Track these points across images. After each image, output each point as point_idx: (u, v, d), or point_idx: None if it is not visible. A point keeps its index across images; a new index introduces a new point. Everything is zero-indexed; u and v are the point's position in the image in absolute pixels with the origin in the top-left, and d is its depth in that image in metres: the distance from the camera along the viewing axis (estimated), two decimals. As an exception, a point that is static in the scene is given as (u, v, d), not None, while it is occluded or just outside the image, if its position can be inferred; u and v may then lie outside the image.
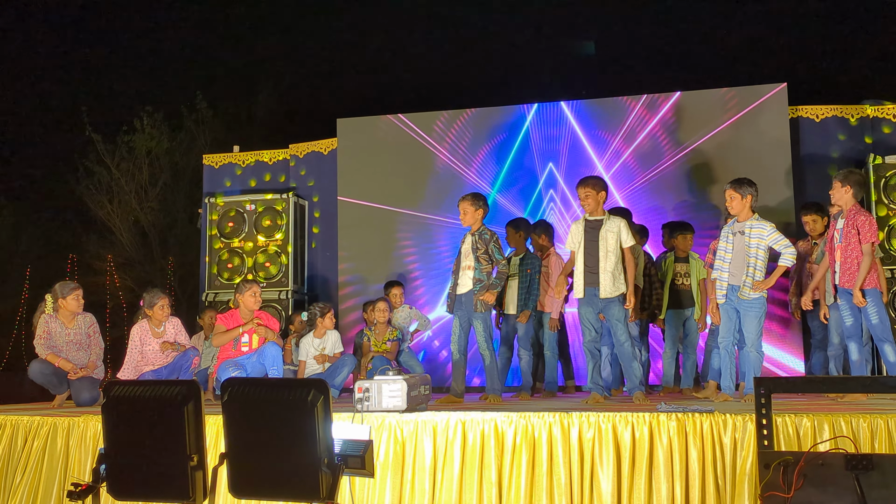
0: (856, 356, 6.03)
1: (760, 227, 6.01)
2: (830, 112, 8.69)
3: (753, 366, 5.92)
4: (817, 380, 5.09)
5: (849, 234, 5.89)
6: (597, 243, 6.27)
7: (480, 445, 4.88)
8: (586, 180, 6.44)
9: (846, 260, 5.89)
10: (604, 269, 6.24)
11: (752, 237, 5.99)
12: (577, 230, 6.40)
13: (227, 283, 9.57)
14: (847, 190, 5.96)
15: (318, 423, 3.31)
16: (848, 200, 5.98)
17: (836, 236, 6.01)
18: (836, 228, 6.01)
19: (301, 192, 9.93)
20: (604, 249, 6.25)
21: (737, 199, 6.05)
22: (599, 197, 6.34)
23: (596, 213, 6.36)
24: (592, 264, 6.28)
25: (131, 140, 17.47)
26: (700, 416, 4.65)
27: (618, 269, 6.26)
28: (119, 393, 3.58)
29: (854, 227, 5.87)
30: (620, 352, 6.33)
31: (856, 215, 5.91)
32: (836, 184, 6.02)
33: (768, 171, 8.39)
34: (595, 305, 6.33)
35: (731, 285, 6.04)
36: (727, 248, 6.09)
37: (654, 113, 8.84)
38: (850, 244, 5.87)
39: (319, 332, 7.66)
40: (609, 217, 6.36)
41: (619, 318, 6.24)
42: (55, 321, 7.07)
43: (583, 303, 6.36)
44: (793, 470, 3.20)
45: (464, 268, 6.63)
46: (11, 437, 5.65)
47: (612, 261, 6.24)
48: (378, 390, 5.07)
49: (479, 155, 9.24)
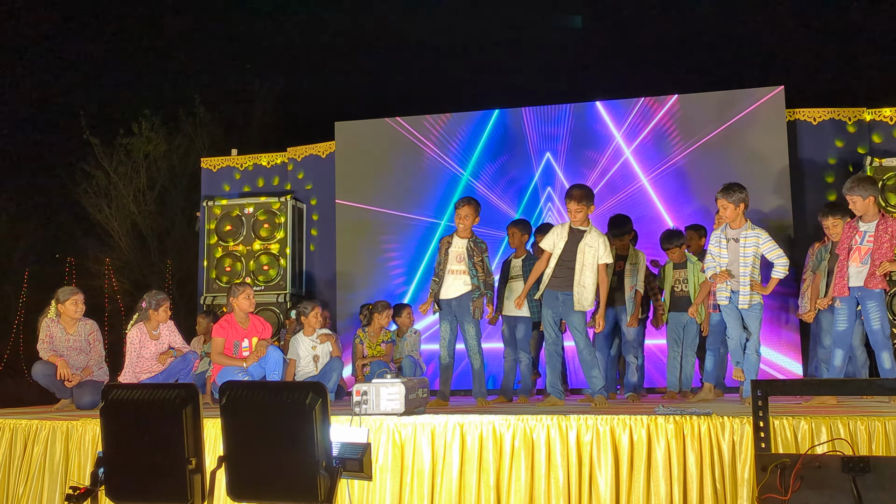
0: (839, 363, 5.96)
1: (755, 235, 5.99)
2: (828, 115, 8.70)
3: (753, 368, 5.93)
4: (815, 382, 5.09)
5: (881, 239, 5.80)
6: (574, 254, 6.27)
7: (479, 448, 4.89)
8: (579, 196, 6.29)
9: (875, 263, 5.78)
10: (578, 282, 6.23)
11: (747, 245, 5.97)
12: (560, 234, 6.37)
13: (226, 286, 9.54)
14: (871, 200, 5.88)
15: (317, 427, 3.32)
16: (874, 208, 5.91)
17: (857, 239, 5.91)
18: (860, 231, 5.92)
19: (299, 196, 9.93)
20: (580, 262, 6.24)
21: (730, 209, 6.00)
22: (590, 211, 6.33)
23: (582, 223, 6.36)
24: (565, 273, 6.28)
25: (129, 143, 17.46)
26: (698, 418, 4.66)
27: (593, 284, 6.25)
28: (118, 396, 3.59)
29: (889, 233, 5.78)
30: (581, 358, 6.34)
31: (891, 222, 5.83)
32: (857, 198, 5.87)
33: (765, 175, 8.42)
34: (556, 309, 6.34)
35: (732, 290, 6.04)
36: (722, 253, 6.06)
37: (652, 116, 8.85)
38: (881, 248, 5.79)
39: (308, 331, 7.58)
40: (591, 230, 6.32)
41: (577, 327, 6.26)
42: (57, 326, 7.10)
43: (544, 304, 6.39)
44: (790, 472, 3.22)
45: (453, 271, 6.65)
46: (11, 442, 5.66)
47: (588, 275, 6.22)
48: (376, 393, 5.08)
49: (476, 157, 9.25)
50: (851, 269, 5.92)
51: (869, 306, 5.84)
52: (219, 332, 6.96)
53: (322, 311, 7.72)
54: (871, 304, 5.83)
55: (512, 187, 9.16)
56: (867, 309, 5.85)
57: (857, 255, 5.89)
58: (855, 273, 5.90)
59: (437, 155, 9.35)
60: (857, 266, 5.89)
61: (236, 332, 6.97)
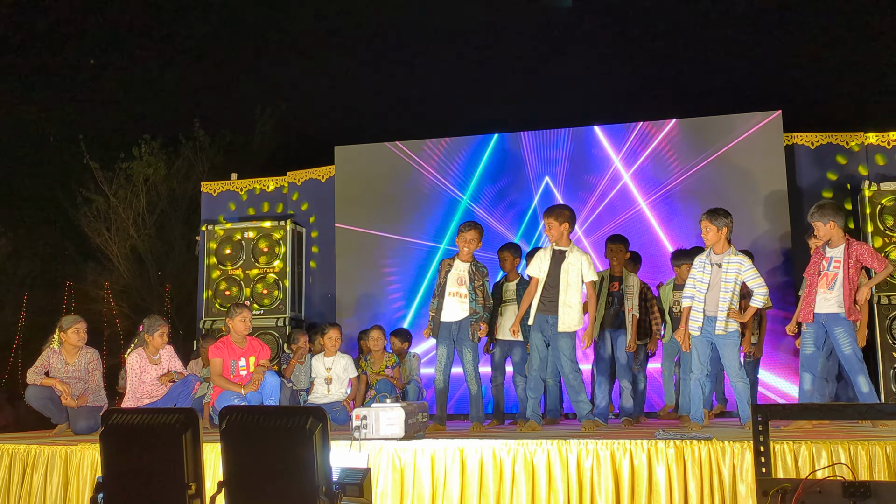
0: (808, 386, 5.96)
1: (738, 261, 5.98)
2: (825, 139, 8.74)
3: (744, 395, 5.91)
4: (814, 407, 5.09)
5: (848, 265, 5.82)
6: (558, 275, 6.29)
7: (479, 473, 4.88)
8: (550, 209, 6.45)
9: (848, 289, 5.80)
10: (563, 301, 6.24)
11: (728, 271, 5.96)
12: (544, 258, 6.41)
13: (225, 310, 9.55)
14: (832, 225, 5.90)
15: (317, 451, 3.32)
16: (838, 233, 5.92)
17: (823, 265, 5.94)
18: (826, 257, 5.95)
19: (299, 220, 9.95)
20: (564, 282, 6.26)
21: (712, 231, 6.02)
22: (562, 228, 6.34)
23: (561, 242, 6.38)
24: (551, 295, 6.29)
25: (129, 167, 17.50)
26: (698, 443, 4.65)
27: (579, 303, 6.27)
28: (117, 421, 3.59)
29: (854, 258, 5.82)
30: (566, 383, 6.34)
31: (856, 247, 5.86)
32: (818, 224, 5.94)
33: (764, 199, 8.45)
34: (546, 332, 6.35)
35: (706, 317, 6.01)
36: (703, 278, 6.05)
37: (650, 140, 8.89)
38: (848, 275, 5.81)
39: (326, 353, 7.74)
40: (572, 249, 6.36)
41: (565, 352, 6.25)
42: (57, 357, 7.10)
43: (534, 328, 6.39)
44: (791, 497, 3.21)
45: (452, 294, 6.64)
46: (10, 467, 5.64)
47: (573, 294, 6.24)
48: (376, 418, 5.08)
49: (476, 181, 9.28)
50: (819, 296, 5.91)
51: (837, 333, 5.83)
52: (215, 354, 6.96)
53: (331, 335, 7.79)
54: (839, 330, 5.82)
55: (511, 211, 9.18)
56: (835, 336, 5.84)
57: (825, 281, 5.89)
58: (821, 299, 5.90)
59: (436, 179, 9.38)
60: (824, 292, 5.89)
61: (232, 352, 6.96)
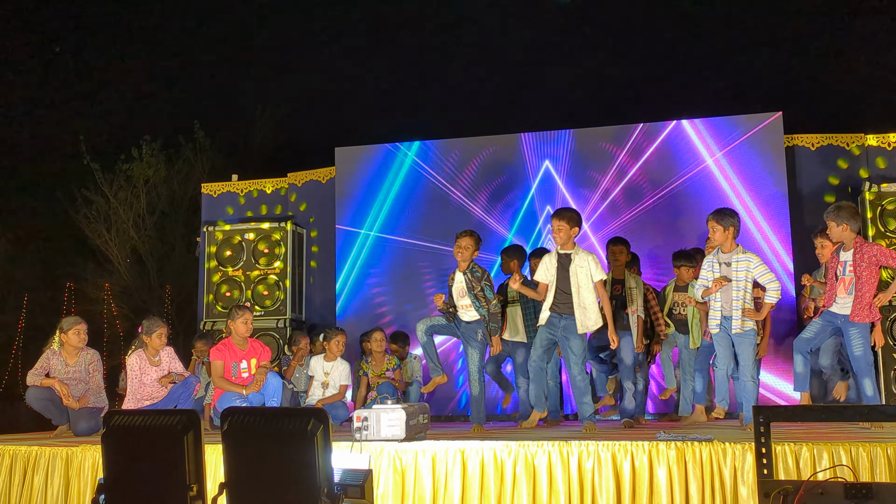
0: (800, 368, 6.06)
1: (747, 259, 5.99)
2: (826, 141, 8.74)
3: (751, 395, 5.93)
4: (816, 408, 5.08)
5: (860, 268, 5.81)
6: (567, 279, 6.30)
7: (480, 475, 4.88)
8: (562, 213, 6.44)
9: (860, 293, 5.79)
10: (578, 304, 6.25)
11: (738, 270, 5.97)
12: (551, 262, 6.42)
13: (225, 311, 9.55)
14: (844, 227, 5.89)
15: (318, 453, 3.31)
16: (849, 236, 5.91)
17: (839, 270, 5.95)
18: (840, 261, 5.96)
19: (299, 221, 9.95)
20: (575, 285, 6.27)
21: (719, 231, 6.03)
22: (572, 232, 6.35)
23: (566, 246, 6.38)
24: (563, 298, 6.30)
25: (129, 169, 17.50)
26: (699, 444, 4.65)
27: (593, 303, 6.28)
28: (119, 422, 3.58)
29: (866, 261, 5.80)
30: (573, 384, 6.35)
31: (867, 248, 5.84)
32: (832, 224, 5.94)
33: (765, 200, 8.45)
34: (555, 332, 6.36)
35: (724, 316, 6.04)
36: (713, 278, 6.08)
37: (651, 142, 8.89)
38: (861, 278, 5.80)
39: (327, 357, 7.75)
40: (577, 251, 6.36)
41: (575, 352, 6.25)
42: (57, 358, 7.07)
43: (543, 328, 6.41)
44: (792, 499, 3.20)
45: (462, 307, 6.69)
46: (10, 468, 5.63)
47: (586, 295, 6.24)
48: (377, 419, 5.07)
49: (476, 182, 9.27)
50: (837, 299, 5.95)
51: (851, 333, 5.86)
52: (216, 356, 6.94)
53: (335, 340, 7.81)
54: (854, 330, 5.85)
55: (511, 210, 9.16)
56: (849, 335, 5.87)
57: (843, 287, 5.92)
58: (840, 302, 5.93)
59: (436, 180, 9.37)
60: (842, 296, 5.92)
61: (234, 354, 6.94)
